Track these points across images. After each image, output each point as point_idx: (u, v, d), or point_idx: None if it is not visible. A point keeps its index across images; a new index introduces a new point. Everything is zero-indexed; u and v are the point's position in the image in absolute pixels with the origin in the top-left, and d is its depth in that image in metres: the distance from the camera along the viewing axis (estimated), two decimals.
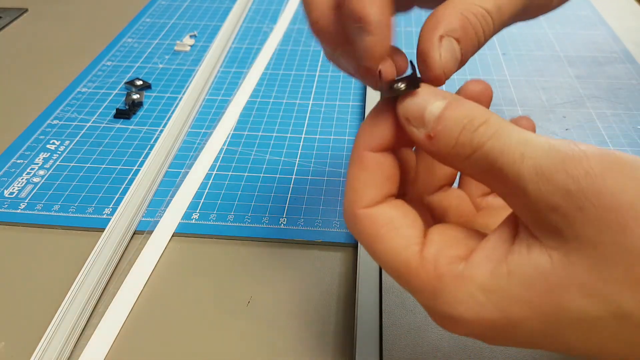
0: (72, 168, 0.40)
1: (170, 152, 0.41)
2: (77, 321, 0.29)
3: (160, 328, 0.29)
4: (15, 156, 0.41)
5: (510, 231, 0.18)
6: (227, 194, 0.37)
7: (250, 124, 0.44)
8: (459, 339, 0.28)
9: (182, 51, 0.55)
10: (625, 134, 0.43)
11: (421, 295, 0.19)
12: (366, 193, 0.20)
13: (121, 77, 0.51)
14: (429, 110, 0.19)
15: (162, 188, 0.38)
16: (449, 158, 0.18)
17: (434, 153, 0.19)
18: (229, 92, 0.49)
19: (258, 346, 0.28)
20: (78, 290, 0.30)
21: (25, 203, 0.36)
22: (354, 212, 0.20)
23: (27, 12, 0.64)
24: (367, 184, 0.20)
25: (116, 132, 0.43)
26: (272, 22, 0.61)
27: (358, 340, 0.27)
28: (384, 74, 0.21)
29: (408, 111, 0.19)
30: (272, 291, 0.31)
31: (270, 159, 0.40)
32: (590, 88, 0.49)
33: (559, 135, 0.42)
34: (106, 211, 0.36)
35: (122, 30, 0.59)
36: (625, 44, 0.55)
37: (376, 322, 0.28)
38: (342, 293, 0.31)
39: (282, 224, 0.35)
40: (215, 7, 0.64)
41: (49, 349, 0.27)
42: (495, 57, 0.53)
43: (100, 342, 0.28)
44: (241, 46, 0.56)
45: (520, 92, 0.48)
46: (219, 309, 0.30)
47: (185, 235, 0.34)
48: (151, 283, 0.31)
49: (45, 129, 0.44)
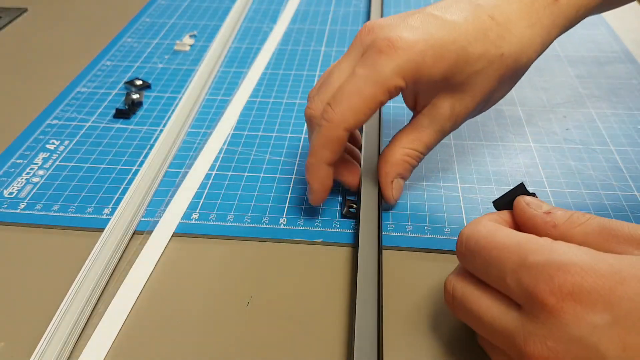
0: (72, 168, 0.40)
1: (170, 152, 0.41)
2: (77, 321, 0.29)
3: (160, 328, 0.29)
4: (15, 156, 0.41)
5: None
6: (226, 194, 0.37)
7: (250, 124, 0.44)
8: (459, 337, 0.28)
9: (182, 51, 0.55)
10: (626, 133, 0.43)
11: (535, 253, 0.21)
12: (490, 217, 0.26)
13: (121, 76, 0.51)
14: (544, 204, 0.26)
15: (161, 188, 0.38)
16: (562, 225, 0.24)
17: (547, 222, 0.24)
18: (228, 92, 0.48)
19: (258, 346, 0.28)
20: (78, 290, 0.30)
21: (24, 203, 0.36)
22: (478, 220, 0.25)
23: (26, 11, 0.64)
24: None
25: (116, 132, 0.43)
26: (272, 22, 0.61)
27: (357, 340, 0.27)
28: None
29: (530, 199, 0.26)
30: (272, 291, 0.31)
31: (270, 159, 0.40)
32: (590, 88, 0.49)
33: (559, 136, 0.42)
34: (106, 211, 0.36)
35: (121, 29, 0.59)
36: (626, 43, 0.55)
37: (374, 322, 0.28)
38: (342, 293, 0.31)
39: (282, 224, 0.35)
40: (214, 6, 0.64)
41: (49, 349, 0.27)
42: None
43: (100, 342, 0.28)
44: (241, 46, 0.56)
45: (521, 92, 0.48)
46: (219, 309, 0.30)
47: (185, 235, 0.34)
48: (151, 283, 0.31)
49: (44, 128, 0.44)
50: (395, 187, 0.34)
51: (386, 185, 0.34)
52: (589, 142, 0.42)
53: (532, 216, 0.25)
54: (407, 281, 0.31)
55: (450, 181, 0.38)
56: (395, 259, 0.33)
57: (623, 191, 0.37)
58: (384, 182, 0.34)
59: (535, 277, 0.21)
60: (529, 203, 0.26)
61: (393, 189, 0.34)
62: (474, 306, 0.24)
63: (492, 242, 0.23)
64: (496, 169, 0.39)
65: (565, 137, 0.42)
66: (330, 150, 0.31)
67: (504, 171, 0.39)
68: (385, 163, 0.34)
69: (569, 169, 0.39)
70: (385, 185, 0.34)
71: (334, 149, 0.31)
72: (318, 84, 0.33)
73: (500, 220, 0.26)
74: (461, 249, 0.25)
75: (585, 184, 0.38)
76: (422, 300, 0.30)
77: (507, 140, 0.42)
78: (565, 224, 0.24)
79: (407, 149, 0.33)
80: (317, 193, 0.33)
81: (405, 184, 0.36)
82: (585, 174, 0.39)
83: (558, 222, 0.24)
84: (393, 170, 0.33)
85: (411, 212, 0.35)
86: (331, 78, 0.32)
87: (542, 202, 0.26)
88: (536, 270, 0.21)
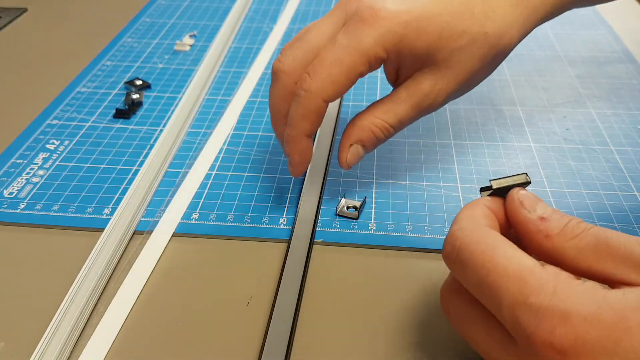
0: (72, 168, 0.40)
1: (170, 152, 0.41)
2: (77, 321, 0.29)
3: (160, 328, 0.29)
4: (15, 156, 0.41)
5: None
6: (226, 194, 0.37)
7: (250, 124, 0.44)
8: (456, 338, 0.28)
9: (182, 51, 0.55)
10: (626, 134, 0.43)
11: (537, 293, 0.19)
12: (484, 221, 0.24)
13: (121, 76, 0.51)
14: (540, 204, 0.23)
15: (161, 188, 0.38)
16: (555, 237, 0.22)
17: (541, 231, 0.22)
18: (228, 92, 0.48)
19: (258, 346, 0.28)
20: (78, 290, 0.30)
21: (24, 203, 0.36)
22: (474, 226, 0.23)
23: (26, 11, 0.64)
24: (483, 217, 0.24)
25: (116, 132, 0.43)
26: (272, 22, 0.61)
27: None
28: None
29: (525, 196, 0.24)
30: (272, 291, 0.31)
31: (270, 159, 0.40)
32: (590, 88, 0.49)
33: (559, 136, 0.42)
34: (106, 211, 0.36)
35: (121, 29, 0.59)
36: (626, 43, 0.55)
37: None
38: (341, 293, 0.31)
39: (282, 224, 0.35)
40: (215, 6, 0.64)
41: (49, 349, 0.27)
42: None
43: (100, 342, 0.28)
44: (241, 46, 0.56)
45: (521, 92, 0.48)
46: (219, 309, 0.30)
47: (185, 235, 0.34)
48: (151, 283, 0.31)
49: (44, 128, 0.44)
50: (352, 152, 0.32)
51: (343, 147, 0.32)
52: (589, 142, 0.42)
53: (524, 220, 0.23)
54: (407, 281, 0.31)
55: (450, 181, 0.38)
56: (395, 259, 0.33)
57: (623, 191, 0.37)
58: (342, 144, 0.33)
59: (535, 321, 0.19)
60: (523, 202, 0.24)
61: (349, 153, 0.32)
62: (470, 331, 0.23)
63: (489, 263, 0.21)
64: (496, 169, 0.39)
65: (565, 137, 0.42)
66: (309, 121, 0.31)
67: (504, 171, 0.39)
68: (351, 126, 0.33)
69: (569, 169, 0.39)
70: (342, 147, 0.32)
71: (313, 120, 0.31)
72: (294, 39, 0.32)
73: (493, 217, 0.24)
74: (452, 257, 0.23)
75: (585, 184, 0.38)
76: (417, 301, 0.30)
77: (507, 140, 0.42)
78: (559, 236, 0.22)
79: (377, 118, 0.32)
80: (297, 165, 0.33)
81: (405, 184, 0.36)
82: (585, 174, 0.39)
83: (551, 232, 0.22)
84: (355, 134, 0.32)
85: (411, 212, 0.35)
86: (308, 35, 0.31)
87: (538, 200, 0.24)
88: (536, 315, 0.19)
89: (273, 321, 0.28)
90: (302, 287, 0.30)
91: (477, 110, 0.46)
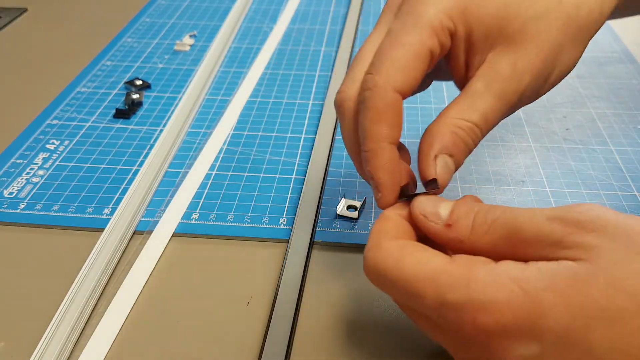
0: (72, 168, 0.40)
1: (170, 152, 0.41)
2: (77, 321, 0.29)
3: (160, 328, 0.29)
4: (15, 156, 0.41)
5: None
6: (226, 194, 0.37)
7: (250, 124, 0.44)
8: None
9: (182, 51, 0.55)
10: (626, 134, 0.43)
11: (452, 290, 0.20)
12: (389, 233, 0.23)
13: (121, 76, 0.51)
14: (442, 208, 0.23)
15: (161, 188, 0.38)
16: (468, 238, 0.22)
17: (452, 239, 0.22)
18: (228, 92, 0.48)
19: (258, 346, 0.28)
20: (77, 290, 0.30)
21: (24, 203, 0.36)
22: (379, 244, 0.22)
23: (26, 11, 0.64)
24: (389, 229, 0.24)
25: (116, 132, 0.43)
26: (272, 22, 0.61)
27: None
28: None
29: (425, 209, 0.23)
30: (272, 291, 0.31)
31: (270, 159, 0.40)
32: (590, 88, 0.49)
33: (559, 136, 0.42)
34: (106, 211, 0.36)
35: (121, 29, 0.59)
36: (626, 43, 0.55)
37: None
38: (342, 292, 0.31)
39: (282, 224, 0.35)
40: (215, 6, 0.64)
41: (49, 349, 0.27)
42: None
43: (100, 342, 0.28)
44: (241, 46, 0.56)
45: None
46: (219, 309, 0.30)
47: (185, 236, 0.34)
48: (151, 283, 0.31)
49: (44, 128, 0.44)
50: (441, 165, 0.25)
51: (426, 161, 0.25)
52: (589, 142, 0.42)
53: (434, 232, 0.23)
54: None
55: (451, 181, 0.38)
56: None
57: (623, 191, 0.37)
58: (423, 159, 0.25)
59: (457, 316, 0.20)
60: (427, 214, 0.23)
61: (437, 167, 0.25)
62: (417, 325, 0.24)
63: (402, 275, 0.21)
64: (496, 169, 0.39)
65: (565, 137, 0.42)
66: (386, 123, 0.24)
67: (504, 171, 0.39)
68: (427, 135, 0.25)
69: (569, 169, 0.39)
70: (425, 163, 0.25)
71: (389, 119, 0.24)
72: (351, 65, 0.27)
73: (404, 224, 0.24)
74: (371, 279, 0.23)
75: (585, 184, 0.38)
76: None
77: (507, 140, 0.42)
78: (471, 238, 0.22)
79: (456, 119, 0.25)
80: (386, 187, 0.25)
81: None
82: (585, 174, 0.39)
83: (462, 237, 0.22)
84: (437, 143, 0.25)
85: None
86: (363, 52, 0.27)
87: (438, 204, 0.23)
88: (458, 311, 0.20)
89: (273, 321, 0.28)
90: (302, 287, 0.30)
91: None
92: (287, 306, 0.29)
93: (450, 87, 0.48)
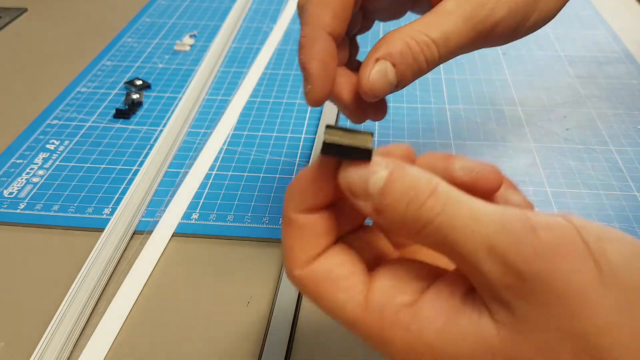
0: (72, 168, 0.40)
1: (170, 152, 0.41)
2: (77, 321, 0.29)
3: (160, 328, 0.29)
4: (15, 156, 0.41)
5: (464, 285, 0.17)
6: (226, 194, 0.37)
7: (250, 124, 0.44)
8: None
9: (182, 51, 0.55)
10: (626, 134, 0.43)
11: (369, 342, 0.18)
12: (300, 254, 0.19)
13: (121, 76, 0.51)
14: (373, 182, 0.17)
15: (161, 188, 0.38)
16: (400, 232, 0.18)
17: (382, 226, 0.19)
18: (228, 92, 0.48)
19: (258, 346, 0.28)
20: (78, 290, 0.30)
21: (24, 203, 0.36)
22: (293, 275, 0.19)
23: (26, 11, 0.64)
24: (301, 245, 0.19)
25: (116, 132, 0.43)
26: (272, 22, 0.61)
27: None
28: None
29: (351, 184, 0.18)
30: (272, 291, 0.31)
31: (270, 159, 0.40)
32: (590, 88, 0.49)
33: (559, 136, 0.42)
34: (106, 211, 0.36)
35: (121, 29, 0.59)
36: (626, 43, 0.55)
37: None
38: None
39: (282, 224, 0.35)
40: (215, 6, 0.64)
41: (49, 349, 0.27)
42: (496, 57, 0.53)
43: (100, 342, 0.28)
44: (241, 46, 0.56)
45: (521, 92, 0.48)
46: (219, 309, 0.30)
47: (185, 236, 0.34)
48: (151, 283, 0.31)
49: (44, 128, 0.44)
50: (377, 69, 0.23)
51: (367, 62, 0.23)
52: (589, 142, 0.42)
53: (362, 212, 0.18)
54: None
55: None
56: None
57: (623, 191, 0.37)
58: (366, 59, 0.24)
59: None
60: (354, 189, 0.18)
61: (372, 69, 0.23)
62: None
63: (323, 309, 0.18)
64: None
65: (565, 137, 0.42)
66: (331, 10, 0.23)
67: (503, 171, 0.39)
68: (381, 41, 0.24)
69: (569, 169, 0.39)
70: (365, 63, 0.23)
71: (336, 8, 0.23)
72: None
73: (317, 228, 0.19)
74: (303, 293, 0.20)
75: (585, 184, 0.38)
76: None
77: (507, 140, 0.42)
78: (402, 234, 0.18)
79: (414, 30, 0.23)
80: (317, 79, 0.23)
81: None
82: (585, 174, 0.39)
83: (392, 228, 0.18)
84: (384, 47, 0.23)
85: None
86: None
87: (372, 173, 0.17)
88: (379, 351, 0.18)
89: (273, 321, 0.28)
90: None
91: (477, 110, 0.46)
92: (287, 306, 0.29)
93: (450, 87, 0.48)
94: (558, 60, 0.53)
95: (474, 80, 0.49)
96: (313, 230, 0.19)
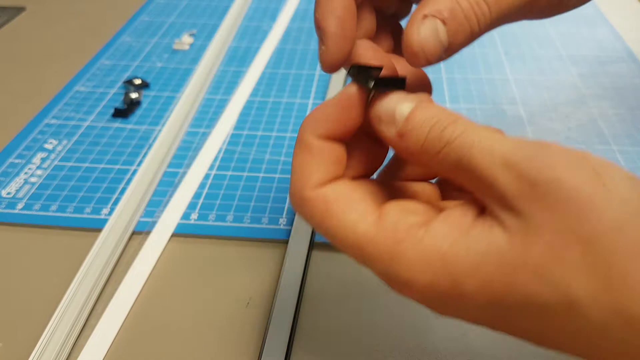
0: (70, 168, 0.39)
1: (169, 151, 0.41)
2: (75, 322, 0.28)
3: (159, 329, 0.29)
4: (13, 156, 0.41)
5: (475, 208, 0.18)
6: (226, 194, 0.37)
7: (249, 124, 0.44)
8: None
9: (181, 50, 0.55)
10: (628, 133, 0.42)
11: (377, 262, 0.18)
12: (313, 176, 0.20)
13: (119, 76, 0.50)
14: (399, 110, 0.19)
15: (160, 188, 0.38)
16: (419, 154, 0.19)
17: (403, 150, 0.20)
18: (228, 91, 0.48)
19: (258, 346, 0.28)
20: (76, 290, 0.30)
21: (22, 203, 0.36)
22: (302, 195, 0.20)
23: (24, 10, 0.64)
24: (314, 168, 0.20)
25: (114, 132, 0.43)
26: (272, 21, 0.60)
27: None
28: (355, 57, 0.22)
29: (381, 110, 0.20)
30: (272, 291, 0.30)
31: (270, 159, 0.40)
32: (592, 87, 0.48)
33: (561, 135, 0.42)
34: (104, 211, 0.36)
35: (120, 28, 0.59)
36: (628, 43, 0.55)
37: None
38: (342, 292, 0.30)
39: (281, 224, 0.34)
40: (214, 5, 0.64)
41: (47, 349, 0.27)
42: (497, 56, 0.53)
43: (99, 343, 0.28)
44: (240, 45, 0.56)
45: (523, 91, 0.48)
46: (219, 310, 0.30)
47: (184, 236, 0.34)
48: (150, 284, 0.31)
49: (42, 128, 0.44)
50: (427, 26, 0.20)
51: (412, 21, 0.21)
52: (590, 141, 0.42)
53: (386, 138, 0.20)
54: None
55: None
56: None
57: None
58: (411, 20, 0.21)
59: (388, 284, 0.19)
60: (382, 117, 0.20)
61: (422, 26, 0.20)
62: None
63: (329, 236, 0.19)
64: None
65: (567, 136, 0.42)
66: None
67: None
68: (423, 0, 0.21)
69: None
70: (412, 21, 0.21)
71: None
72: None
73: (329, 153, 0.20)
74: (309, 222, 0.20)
75: None
76: None
77: None
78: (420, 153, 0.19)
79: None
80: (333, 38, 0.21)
81: None
82: None
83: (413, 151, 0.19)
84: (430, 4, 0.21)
85: None
86: None
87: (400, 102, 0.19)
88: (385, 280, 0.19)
89: (273, 321, 0.28)
90: (302, 287, 0.30)
91: (478, 110, 0.45)
92: (287, 306, 0.29)
93: (452, 86, 0.48)
94: (560, 59, 0.53)
95: (475, 80, 0.49)
96: (329, 156, 0.20)
